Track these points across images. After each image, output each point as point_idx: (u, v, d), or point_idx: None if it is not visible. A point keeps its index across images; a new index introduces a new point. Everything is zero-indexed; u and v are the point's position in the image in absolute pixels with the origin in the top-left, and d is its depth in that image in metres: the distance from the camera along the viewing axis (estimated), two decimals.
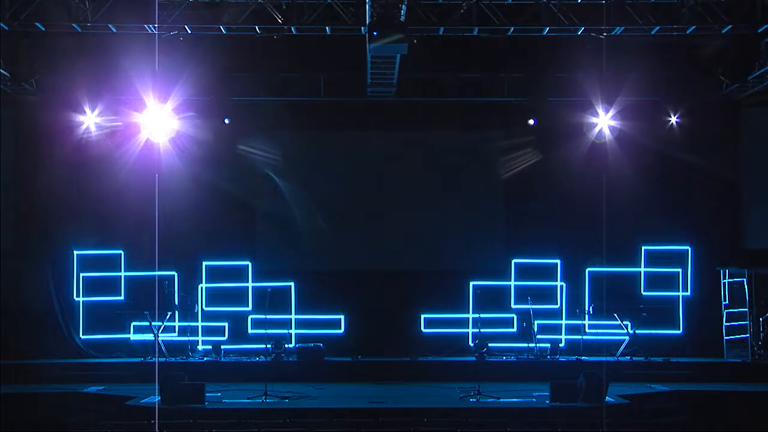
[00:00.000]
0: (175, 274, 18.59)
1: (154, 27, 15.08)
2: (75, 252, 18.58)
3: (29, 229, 18.49)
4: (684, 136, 18.73)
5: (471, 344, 17.91)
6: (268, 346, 17.04)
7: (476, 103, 18.64)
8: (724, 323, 17.93)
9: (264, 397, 14.34)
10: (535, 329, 17.87)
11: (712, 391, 15.81)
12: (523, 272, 18.75)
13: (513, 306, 18.62)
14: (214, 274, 18.65)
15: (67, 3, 14.62)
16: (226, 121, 18.13)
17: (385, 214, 18.94)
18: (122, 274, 18.60)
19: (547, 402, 13.95)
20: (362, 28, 14.83)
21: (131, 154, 18.62)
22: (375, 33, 13.92)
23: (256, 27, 15.17)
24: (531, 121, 18.24)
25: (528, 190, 18.92)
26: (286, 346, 17.53)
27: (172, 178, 18.69)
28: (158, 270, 18.36)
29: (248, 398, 14.46)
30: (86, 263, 18.56)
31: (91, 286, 18.54)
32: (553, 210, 18.75)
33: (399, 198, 18.96)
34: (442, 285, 18.58)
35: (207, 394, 14.07)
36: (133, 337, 18.20)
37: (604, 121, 18.21)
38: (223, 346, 17.95)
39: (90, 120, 18.21)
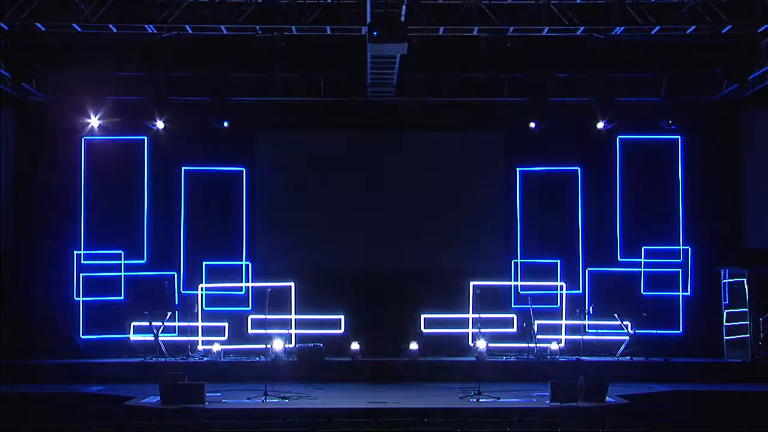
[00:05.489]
0: (175, 274, 18.63)
1: (154, 27, 15.11)
2: (75, 252, 18.59)
3: (29, 229, 18.50)
4: (684, 136, 18.77)
5: (471, 344, 17.95)
6: (268, 346, 17.05)
7: (476, 103, 18.64)
8: (724, 323, 17.93)
9: (264, 397, 14.34)
10: (535, 329, 17.87)
11: (712, 391, 15.80)
12: (524, 272, 18.81)
13: (513, 306, 18.65)
14: (214, 274, 18.66)
15: (68, 3, 14.62)
16: (225, 124, 18.12)
17: (385, 214, 18.93)
18: (122, 274, 18.62)
19: (547, 402, 13.94)
20: (362, 28, 14.82)
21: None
22: (375, 33, 13.92)
23: (257, 27, 15.17)
24: (532, 124, 18.21)
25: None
26: (286, 346, 17.52)
27: (170, 178, 18.82)
28: (158, 270, 18.56)
29: (248, 398, 14.45)
30: (86, 263, 18.62)
31: (91, 286, 18.56)
32: (554, 210, 18.88)
33: (399, 198, 18.95)
34: (442, 285, 18.56)
35: (207, 394, 14.05)
36: (133, 337, 18.18)
37: None
38: (223, 346, 17.94)
39: (92, 120, 18.20)
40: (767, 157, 18.76)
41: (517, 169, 19.04)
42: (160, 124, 18.16)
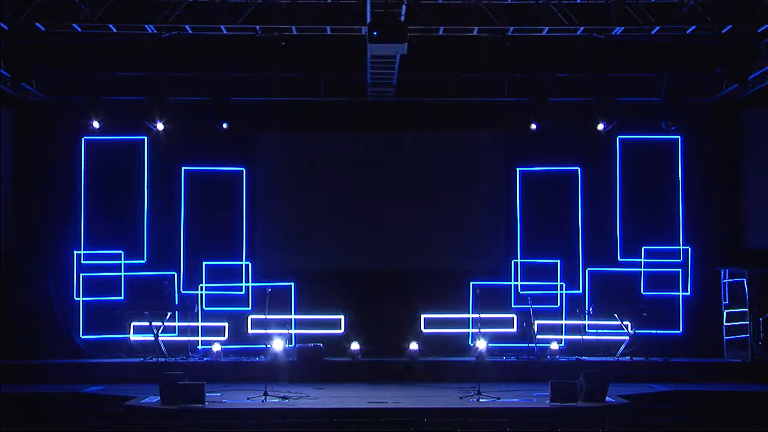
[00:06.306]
0: (175, 274, 18.64)
1: (154, 27, 15.12)
2: (75, 252, 18.59)
3: (29, 230, 18.50)
4: (684, 136, 18.77)
5: (471, 344, 17.97)
6: (267, 346, 17.06)
7: (476, 103, 18.64)
8: (724, 323, 17.93)
9: (264, 397, 14.35)
10: (535, 329, 17.87)
11: (712, 391, 15.80)
12: (524, 272, 18.82)
13: (513, 306, 18.65)
14: (214, 274, 18.67)
15: (68, 3, 14.62)
16: (225, 125, 18.11)
17: (385, 214, 18.94)
18: (122, 274, 18.62)
19: (547, 402, 13.93)
20: (362, 28, 14.83)
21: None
22: (375, 33, 13.92)
23: (257, 27, 15.17)
24: (533, 126, 18.20)
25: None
26: (286, 346, 17.52)
27: (170, 178, 18.84)
28: (158, 270, 18.56)
29: (248, 398, 14.45)
30: (86, 263, 18.62)
31: (91, 286, 18.56)
32: (554, 210, 18.89)
33: (399, 198, 18.95)
34: (442, 285, 18.58)
35: (207, 394, 14.05)
36: (133, 337, 18.19)
37: None
38: (223, 346, 17.95)
39: (92, 120, 18.17)
40: (767, 157, 18.75)
41: (517, 169, 19.04)
42: (159, 126, 18.14)
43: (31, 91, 17.68)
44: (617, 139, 18.90)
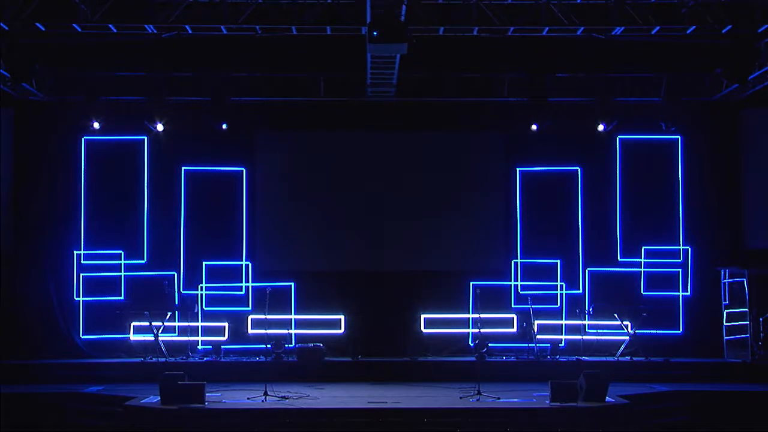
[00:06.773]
0: (175, 274, 18.64)
1: (154, 27, 15.13)
2: (75, 252, 18.59)
3: (29, 229, 18.50)
4: (684, 136, 18.77)
5: (471, 344, 17.93)
6: (268, 346, 17.04)
7: (476, 103, 18.64)
8: (724, 323, 17.93)
9: (264, 397, 14.35)
10: (535, 329, 17.87)
11: (712, 391, 15.81)
12: (524, 272, 18.82)
13: (513, 306, 18.65)
14: (214, 274, 18.67)
15: (68, 3, 14.63)
16: (224, 126, 18.10)
17: (385, 214, 18.93)
18: (122, 274, 18.62)
19: (547, 402, 13.93)
20: (362, 28, 14.83)
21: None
22: (375, 33, 13.92)
23: (257, 27, 15.18)
24: (534, 127, 18.19)
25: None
26: (287, 346, 17.52)
27: (170, 178, 18.83)
28: (158, 270, 18.56)
29: (248, 398, 14.46)
30: (86, 263, 18.62)
31: (91, 286, 18.56)
32: (554, 210, 18.89)
33: (399, 198, 18.94)
34: (442, 285, 18.58)
35: (207, 394, 14.05)
36: (133, 337, 18.19)
37: None
38: (223, 346, 17.97)
39: (92, 120, 18.17)
40: (767, 157, 18.75)
41: (517, 169, 19.04)
42: (159, 126, 18.13)
43: (31, 91, 17.67)
44: (617, 139, 18.90)
